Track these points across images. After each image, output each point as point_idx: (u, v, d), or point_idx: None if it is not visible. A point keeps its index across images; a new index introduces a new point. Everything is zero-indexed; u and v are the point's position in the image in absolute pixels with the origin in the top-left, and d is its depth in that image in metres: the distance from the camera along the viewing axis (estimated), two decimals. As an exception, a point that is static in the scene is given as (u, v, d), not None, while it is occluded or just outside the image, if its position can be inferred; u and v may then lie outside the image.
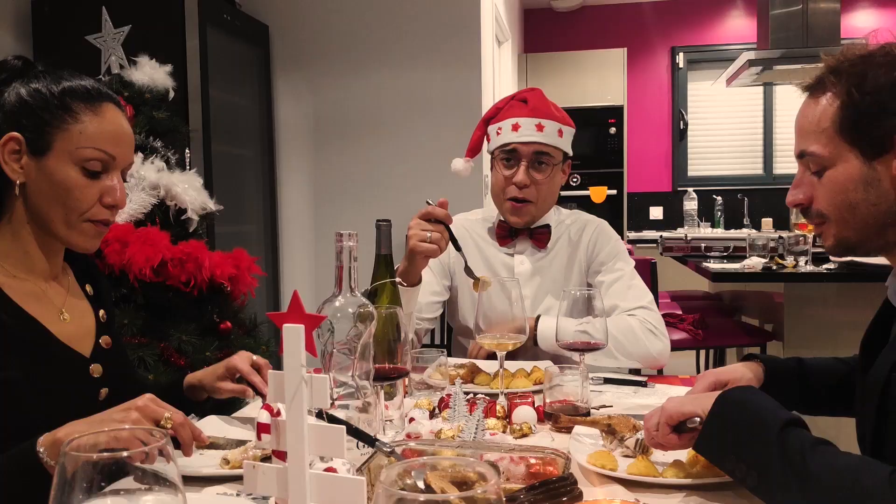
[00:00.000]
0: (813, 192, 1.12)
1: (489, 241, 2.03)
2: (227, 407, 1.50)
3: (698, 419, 1.03)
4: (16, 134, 1.19)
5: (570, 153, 1.99)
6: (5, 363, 1.17)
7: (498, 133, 1.94)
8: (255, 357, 1.38)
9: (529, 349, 1.81)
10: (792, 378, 1.33)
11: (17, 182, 1.20)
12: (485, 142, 2.05)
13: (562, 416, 1.21)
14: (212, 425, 1.37)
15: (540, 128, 1.89)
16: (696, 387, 1.28)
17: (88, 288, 1.37)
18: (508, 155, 1.93)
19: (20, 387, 1.18)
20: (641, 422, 1.25)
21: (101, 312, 1.36)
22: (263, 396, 1.34)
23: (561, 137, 1.93)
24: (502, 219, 2.00)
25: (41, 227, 1.24)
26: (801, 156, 1.13)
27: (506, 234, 1.99)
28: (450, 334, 2.58)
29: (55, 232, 1.24)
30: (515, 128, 1.90)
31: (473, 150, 2.04)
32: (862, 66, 1.06)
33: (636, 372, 1.83)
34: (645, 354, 1.73)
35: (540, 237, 1.98)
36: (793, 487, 0.88)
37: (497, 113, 1.98)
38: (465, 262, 1.72)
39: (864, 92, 1.05)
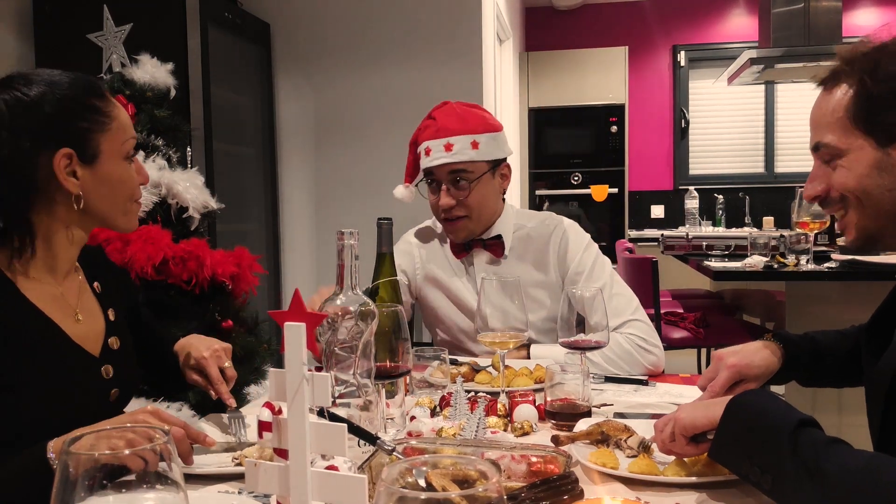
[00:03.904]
0: (829, 182, 1.14)
1: (449, 254, 1.98)
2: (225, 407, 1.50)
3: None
4: (67, 150, 1.19)
5: (499, 157, 1.90)
6: (23, 365, 1.17)
7: (419, 158, 1.92)
8: (226, 364, 1.37)
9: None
10: (808, 357, 1.35)
11: (76, 193, 1.20)
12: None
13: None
14: (212, 426, 1.37)
15: (448, 147, 1.84)
16: (717, 382, 1.28)
17: (97, 286, 1.37)
18: (430, 179, 1.90)
19: (36, 388, 1.18)
20: (632, 423, 1.25)
21: (111, 311, 1.36)
22: (228, 407, 1.35)
23: (476, 149, 1.84)
24: None
25: (97, 223, 1.27)
26: (816, 148, 1.15)
27: (460, 248, 1.95)
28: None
29: (115, 223, 1.28)
30: (427, 152, 1.87)
31: (411, 176, 2.01)
32: (875, 55, 1.08)
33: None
34: (637, 368, 1.73)
35: (495, 248, 1.93)
36: (808, 488, 0.87)
37: (417, 136, 1.95)
38: None
39: (878, 79, 1.06)
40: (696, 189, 5.59)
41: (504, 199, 1.99)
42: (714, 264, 3.36)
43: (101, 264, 1.43)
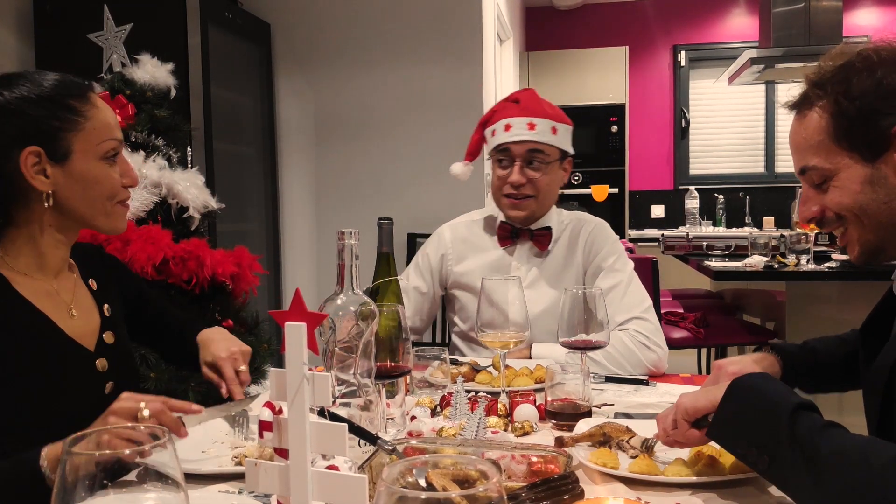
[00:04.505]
0: (822, 202, 1.14)
1: (489, 241, 2.02)
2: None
3: None
4: (34, 147, 1.19)
5: (570, 151, 1.98)
6: (16, 358, 1.18)
7: (493, 135, 1.96)
8: (242, 367, 1.39)
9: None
10: (806, 367, 1.35)
11: (47, 192, 1.20)
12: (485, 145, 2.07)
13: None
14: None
15: (531, 126, 1.89)
16: (712, 382, 1.27)
17: (92, 283, 1.39)
18: (502, 155, 1.93)
19: (30, 381, 1.19)
20: (637, 424, 1.25)
21: (106, 307, 1.38)
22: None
23: (555, 135, 1.92)
24: (504, 219, 2.00)
25: (77, 223, 1.27)
26: (802, 172, 1.16)
27: (507, 234, 1.99)
28: (444, 331, 2.58)
29: (95, 224, 1.27)
30: (507, 128, 1.91)
31: (472, 154, 2.07)
32: (844, 74, 1.09)
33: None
34: (638, 366, 1.73)
35: (541, 239, 1.97)
36: (803, 471, 0.88)
37: (492, 115, 1.99)
38: None
39: (852, 98, 1.07)
40: (696, 189, 5.60)
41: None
42: (714, 264, 3.36)
43: (97, 262, 1.45)
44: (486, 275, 1.95)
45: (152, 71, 2.56)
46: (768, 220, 4.64)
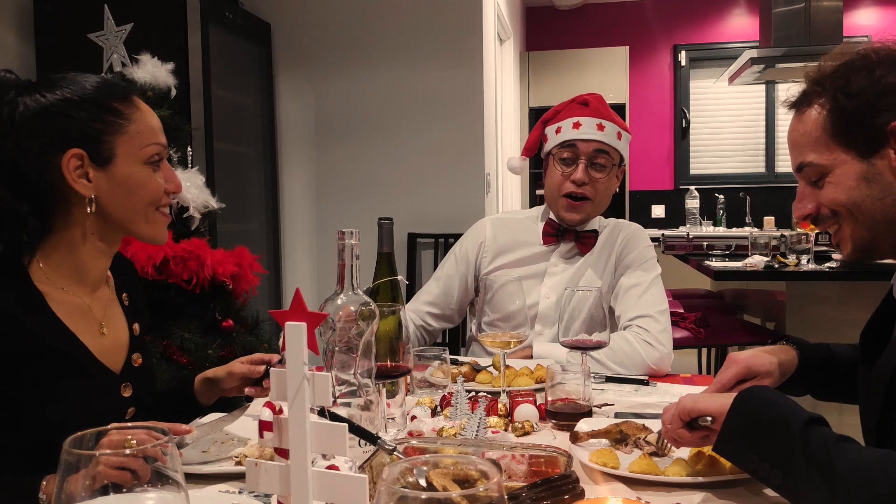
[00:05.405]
0: (818, 199, 1.15)
1: (533, 237, 2.02)
2: (230, 406, 1.51)
3: (710, 418, 1.03)
4: (77, 150, 1.15)
5: (626, 157, 2.00)
6: (42, 380, 1.15)
7: (557, 132, 1.96)
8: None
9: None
10: (821, 362, 1.34)
11: (89, 196, 1.17)
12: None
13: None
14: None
15: (601, 127, 1.91)
16: (724, 374, 1.26)
17: (125, 297, 1.35)
18: (568, 152, 1.93)
19: (53, 404, 1.16)
20: (648, 422, 1.25)
21: (136, 326, 1.34)
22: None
23: (619, 140, 1.94)
24: (553, 217, 2.00)
25: (118, 230, 1.23)
26: (799, 169, 1.17)
27: (553, 232, 1.99)
28: (454, 332, 2.58)
29: (135, 231, 1.23)
30: (576, 126, 1.92)
31: (530, 150, 2.08)
32: (843, 72, 1.11)
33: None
34: (640, 364, 1.72)
35: (586, 241, 1.97)
36: (819, 485, 0.88)
37: (556, 114, 2.00)
38: None
39: (850, 95, 1.09)
40: (696, 189, 5.59)
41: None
42: (715, 264, 3.36)
43: (132, 275, 1.41)
44: (520, 269, 1.98)
45: (152, 71, 2.56)
46: (769, 220, 4.63)
